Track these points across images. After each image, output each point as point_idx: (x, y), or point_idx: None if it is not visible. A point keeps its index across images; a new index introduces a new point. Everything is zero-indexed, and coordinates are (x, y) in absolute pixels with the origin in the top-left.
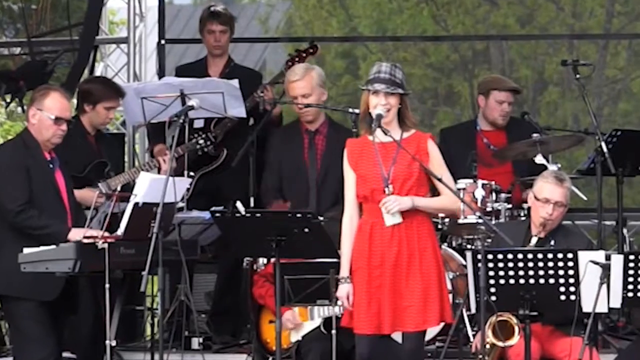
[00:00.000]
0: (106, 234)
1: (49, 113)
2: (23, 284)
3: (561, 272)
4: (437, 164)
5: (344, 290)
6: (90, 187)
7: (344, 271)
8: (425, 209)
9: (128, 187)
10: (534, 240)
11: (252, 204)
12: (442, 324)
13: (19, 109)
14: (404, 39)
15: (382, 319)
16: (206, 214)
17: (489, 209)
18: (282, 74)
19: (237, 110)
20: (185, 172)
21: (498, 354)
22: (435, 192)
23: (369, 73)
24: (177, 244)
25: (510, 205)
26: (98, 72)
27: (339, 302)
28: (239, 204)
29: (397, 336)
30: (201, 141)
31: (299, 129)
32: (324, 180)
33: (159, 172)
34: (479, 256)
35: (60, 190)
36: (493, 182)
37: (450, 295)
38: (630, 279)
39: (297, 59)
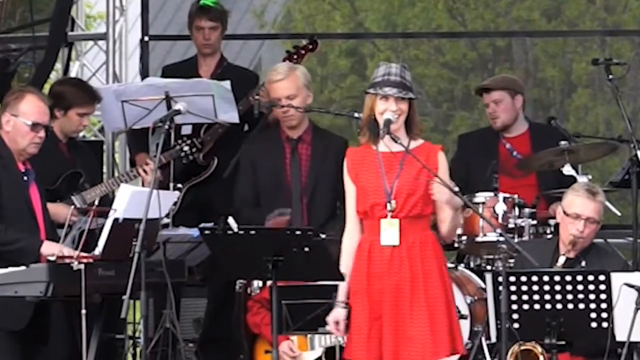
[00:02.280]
0: (82, 253)
1: (24, 119)
2: None
3: (592, 297)
4: (445, 180)
5: (334, 314)
6: (63, 201)
7: (341, 294)
8: (449, 216)
9: (107, 201)
10: (561, 260)
11: None
12: (457, 356)
13: None
14: (416, 35)
15: (384, 350)
16: (194, 231)
17: (511, 226)
18: None
19: (229, 114)
20: (172, 184)
21: None
22: None
23: (374, 75)
24: (162, 265)
25: (535, 222)
26: (73, 72)
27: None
28: (231, 220)
29: None
30: (186, 148)
31: (277, 135)
32: (312, 195)
33: (143, 185)
34: (500, 278)
35: (34, 207)
36: (516, 196)
37: (468, 322)
38: None
39: (295, 57)
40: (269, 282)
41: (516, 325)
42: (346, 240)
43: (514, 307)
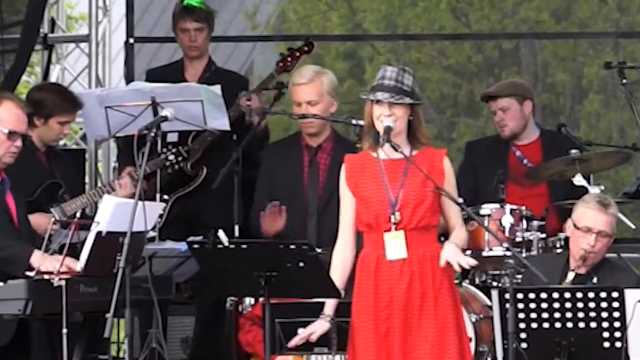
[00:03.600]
0: (63, 268)
1: (1, 126)
2: None
3: (605, 315)
4: (451, 188)
5: (316, 325)
6: (43, 213)
7: (328, 309)
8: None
9: (89, 213)
10: (570, 276)
11: (236, 233)
12: None
13: None
14: (418, 37)
15: None
16: (182, 245)
17: (518, 239)
18: (272, 77)
19: (219, 121)
20: (158, 195)
21: None
22: None
23: (375, 78)
24: (148, 281)
25: (544, 235)
26: (54, 76)
27: (333, 348)
28: (221, 233)
29: None
30: (171, 157)
31: (298, 143)
32: (326, 207)
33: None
34: (507, 295)
35: (12, 216)
36: (524, 207)
37: (473, 343)
38: None
39: (289, 60)
40: (261, 299)
41: (524, 345)
42: (338, 254)
43: (522, 326)
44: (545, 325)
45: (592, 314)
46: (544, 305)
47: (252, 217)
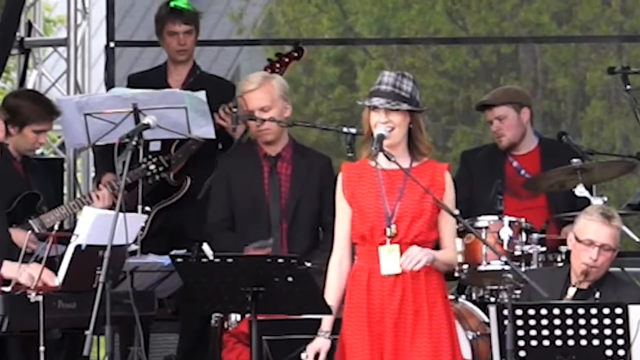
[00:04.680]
0: (40, 283)
1: None
2: None
3: (608, 332)
4: (451, 205)
5: (317, 344)
6: (19, 225)
7: (325, 325)
8: (438, 265)
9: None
10: (571, 292)
11: None
12: None
13: None
14: (412, 41)
15: None
16: (165, 259)
17: (517, 253)
18: None
19: (204, 129)
20: (140, 207)
21: None
22: None
23: (373, 84)
24: (129, 297)
25: (544, 248)
26: (30, 82)
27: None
28: (205, 247)
29: None
30: (152, 166)
31: (255, 152)
32: (293, 220)
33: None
34: (506, 312)
35: None
36: (523, 220)
37: None
38: None
39: (278, 66)
40: (248, 316)
41: None
42: (334, 267)
43: (521, 343)
44: (546, 342)
45: (595, 331)
46: (544, 322)
47: (209, 237)
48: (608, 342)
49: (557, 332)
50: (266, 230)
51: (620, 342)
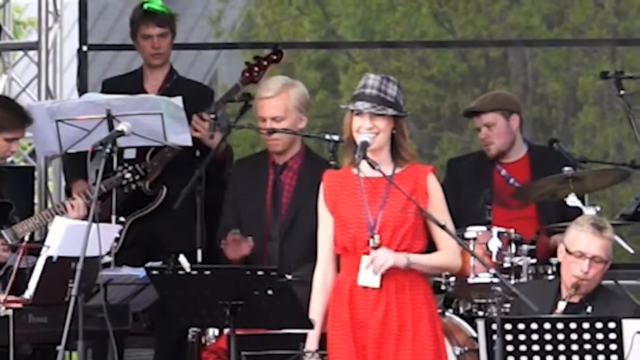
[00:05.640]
0: (10, 296)
1: None
2: None
3: (600, 347)
4: (439, 209)
5: None
6: None
7: (311, 343)
8: (421, 269)
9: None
10: (561, 306)
11: (199, 258)
12: None
13: None
14: (397, 44)
15: None
16: (140, 271)
17: (507, 265)
18: (238, 89)
19: (181, 136)
20: (114, 217)
21: None
22: (430, 247)
23: (356, 87)
24: (103, 310)
25: (534, 260)
26: (0, 87)
27: None
28: (182, 258)
29: None
30: (127, 175)
31: (265, 161)
32: (290, 231)
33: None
34: (494, 326)
35: None
36: (512, 230)
37: None
38: None
39: (256, 70)
40: (226, 330)
41: None
42: (318, 280)
43: (511, 359)
44: (536, 358)
45: (587, 346)
46: (535, 336)
47: (218, 241)
48: (601, 357)
49: (548, 347)
50: (264, 239)
51: (614, 357)
